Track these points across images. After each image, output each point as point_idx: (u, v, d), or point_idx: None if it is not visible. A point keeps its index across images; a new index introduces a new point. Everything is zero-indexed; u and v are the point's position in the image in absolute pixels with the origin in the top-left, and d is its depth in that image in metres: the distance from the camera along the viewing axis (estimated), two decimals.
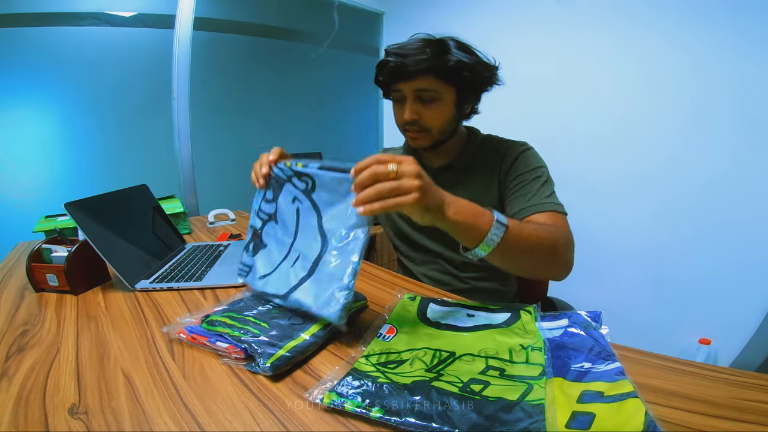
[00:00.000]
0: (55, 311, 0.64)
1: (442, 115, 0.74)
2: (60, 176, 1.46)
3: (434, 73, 0.70)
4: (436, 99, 0.73)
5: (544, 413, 0.36)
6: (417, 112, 0.74)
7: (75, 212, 0.70)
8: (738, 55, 1.22)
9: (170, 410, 0.40)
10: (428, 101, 0.73)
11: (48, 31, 1.36)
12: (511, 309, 0.59)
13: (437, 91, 0.72)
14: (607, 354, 0.46)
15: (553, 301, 0.92)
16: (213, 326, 0.52)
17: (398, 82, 0.74)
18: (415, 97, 0.73)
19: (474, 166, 0.83)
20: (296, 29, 2.06)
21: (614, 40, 1.48)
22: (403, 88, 0.73)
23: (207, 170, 1.72)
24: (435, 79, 0.71)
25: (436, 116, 0.74)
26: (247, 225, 0.68)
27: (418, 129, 0.76)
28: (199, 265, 0.84)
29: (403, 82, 0.73)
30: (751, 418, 0.38)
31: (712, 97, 1.29)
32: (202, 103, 1.68)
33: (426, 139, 0.77)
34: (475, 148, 0.83)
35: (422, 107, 0.74)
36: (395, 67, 0.71)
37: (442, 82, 0.71)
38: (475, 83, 0.74)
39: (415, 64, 0.69)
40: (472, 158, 0.83)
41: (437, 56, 0.69)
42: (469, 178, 0.82)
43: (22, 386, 0.44)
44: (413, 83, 0.72)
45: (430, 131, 0.76)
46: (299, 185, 0.58)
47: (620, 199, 1.54)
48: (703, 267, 1.36)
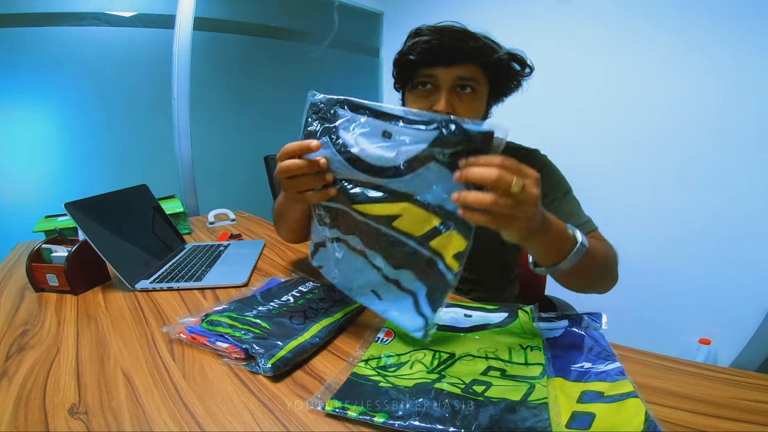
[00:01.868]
0: (55, 311, 0.64)
1: (476, 112, 0.65)
2: (60, 176, 1.46)
3: (480, 62, 0.62)
4: (475, 91, 0.63)
5: (548, 412, 0.36)
6: (452, 104, 0.62)
7: (75, 212, 0.70)
8: (745, 56, 1.22)
9: (170, 410, 0.40)
10: (464, 93, 0.63)
11: (48, 31, 1.36)
12: (508, 309, 0.59)
13: (478, 82, 0.63)
14: (607, 354, 0.46)
15: (552, 300, 0.92)
16: (213, 326, 0.52)
17: (435, 66, 0.62)
18: (453, 86, 0.62)
19: None
20: (296, 29, 2.07)
21: (615, 40, 1.48)
22: (440, 74, 0.62)
23: (207, 170, 1.72)
24: (479, 69, 0.62)
25: (470, 112, 0.64)
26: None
27: None
28: (199, 265, 0.84)
29: (443, 66, 0.62)
30: (751, 418, 0.38)
31: (714, 98, 1.29)
32: (202, 103, 1.68)
33: None
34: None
35: (457, 99, 0.63)
36: (435, 48, 0.60)
37: (485, 73, 0.63)
38: (510, 81, 0.66)
39: (461, 48, 0.59)
40: None
41: (489, 46, 0.60)
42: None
43: (22, 386, 0.44)
44: (455, 69, 0.61)
45: None
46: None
47: (620, 199, 1.54)
48: (704, 267, 1.36)
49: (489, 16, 1.83)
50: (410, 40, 0.64)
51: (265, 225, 1.32)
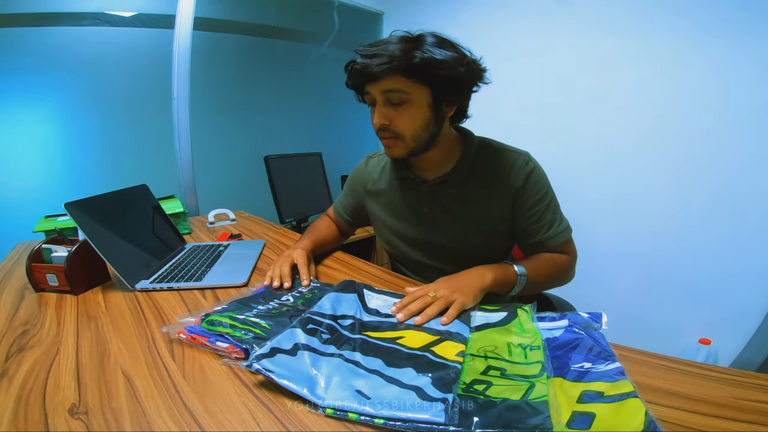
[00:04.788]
0: (55, 311, 0.64)
1: (413, 120, 0.68)
2: (60, 176, 1.46)
3: (402, 72, 0.64)
4: (406, 101, 0.66)
5: (549, 410, 0.36)
6: (387, 117, 0.68)
7: (75, 212, 0.70)
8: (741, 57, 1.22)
9: (170, 410, 0.40)
10: (398, 104, 0.67)
11: (48, 31, 1.36)
12: (507, 308, 0.59)
13: (406, 91, 0.65)
14: (607, 354, 0.46)
15: (551, 300, 0.92)
16: (213, 326, 0.52)
17: (366, 84, 0.68)
18: (385, 100, 0.68)
19: (473, 179, 0.77)
20: (296, 29, 2.06)
21: (615, 40, 1.48)
22: (371, 90, 0.68)
23: (207, 170, 1.72)
24: (404, 79, 0.65)
25: (407, 121, 0.68)
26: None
27: (391, 135, 0.70)
28: (199, 265, 0.84)
29: (371, 83, 0.67)
30: (751, 418, 0.38)
31: (715, 99, 1.29)
32: (202, 103, 1.68)
33: (400, 147, 0.71)
34: (471, 159, 0.77)
35: (393, 111, 0.68)
36: (361, 69, 0.66)
37: (412, 81, 0.65)
38: (450, 81, 0.66)
39: (380, 64, 0.63)
40: (470, 170, 0.77)
41: (405, 53, 0.63)
42: (472, 193, 0.77)
43: (22, 386, 0.44)
44: (380, 84, 0.66)
45: (403, 138, 0.69)
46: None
47: (620, 200, 1.54)
48: (704, 267, 1.36)
49: (489, 16, 1.82)
50: (348, 67, 0.71)
51: (265, 225, 1.32)
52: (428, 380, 0.42)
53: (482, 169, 0.77)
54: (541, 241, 0.77)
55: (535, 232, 0.77)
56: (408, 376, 0.43)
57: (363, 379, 0.43)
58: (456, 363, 0.45)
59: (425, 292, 0.61)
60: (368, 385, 0.42)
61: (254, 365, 0.42)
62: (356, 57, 0.68)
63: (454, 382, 0.41)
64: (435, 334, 0.53)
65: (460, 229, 0.79)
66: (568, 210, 0.82)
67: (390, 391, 0.41)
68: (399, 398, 0.39)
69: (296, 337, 0.48)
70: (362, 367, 0.45)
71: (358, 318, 0.58)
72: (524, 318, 0.55)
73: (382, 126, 0.69)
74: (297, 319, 0.53)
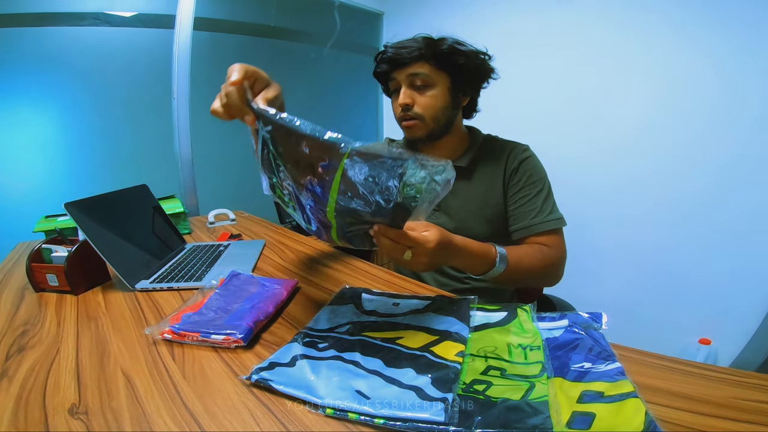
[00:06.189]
0: (55, 311, 0.64)
1: (435, 101, 0.77)
2: (60, 176, 1.46)
3: (427, 60, 0.75)
4: (429, 85, 0.77)
5: (549, 410, 0.36)
6: (411, 97, 0.77)
7: (75, 212, 0.70)
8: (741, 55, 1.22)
9: (170, 410, 0.40)
10: (422, 87, 0.77)
11: (48, 31, 1.36)
12: (507, 308, 0.59)
13: (430, 76, 0.76)
14: (607, 354, 0.46)
15: (551, 300, 0.92)
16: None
17: (394, 71, 0.78)
18: (409, 83, 0.78)
19: (477, 167, 0.84)
20: (296, 29, 2.06)
21: (615, 39, 1.48)
22: (397, 76, 0.78)
23: (207, 170, 1.72)
24: (428, 66, 0.75)
25: (429, 102, 0.77)
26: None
27: (413, 116, 0.78)
28: (199, 265, 0.84)
29: (398, 69, 0.78)
30: (751, 418, 0.38)
31: (713, 96, 1.29)
32: (202, 103, 1.68)
33: (420, 127, 0.80)
34: (477, 149, 0.85)
35: (416, 93, 0.78)
36: (391, 57, 0.77)
37: (435, 68, 0.76)
38: (468, 70, 0.77)
39: (409, 52, 0.75)
40: (475, 159, 0.84)
41: (431, 44, 0.74)
42: (475, 179, 0.84)
43: (22, 386, 0.44)
44: (407, 69, 0.76)
45: (424, 119, 0.78)
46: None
47: (620, 199, 1.54)
48: (703, 267, 1.36)
49: (488, 16, 1.83)
50: (378, 56, 0.82)
51: (265, 225, 1.32)
52: (428, 380, 0.42)
53: (487, 157, 0.84)
54: (529, 225, 0.78)
55: (524, 216, 0.79)
56: (408, 377, 0.43)
57: (363, 379, 0.43)
58: (455, 363, 0.45)
59: (406, 247, 0.54)
60: (368, 385, 0.42)
61: (253, 377, 0.43)
62: (370, 53, 0.81)
63: (453, 382, 0.41)
64: (434, 334, 0.53)
65: (465, 217, 0.83)
66: (568, 207, 0.83)
67: (390, 391, 0.41)
68: (399, 398, 0.39)
69: (294, 350, 0.49)
70: (362, 367, 0.45)
71: (356, 321, 0.58)
72: (524, 318, 0.55)
73: (405, 105, 0.78)
74: (295, 335, 0.53)
